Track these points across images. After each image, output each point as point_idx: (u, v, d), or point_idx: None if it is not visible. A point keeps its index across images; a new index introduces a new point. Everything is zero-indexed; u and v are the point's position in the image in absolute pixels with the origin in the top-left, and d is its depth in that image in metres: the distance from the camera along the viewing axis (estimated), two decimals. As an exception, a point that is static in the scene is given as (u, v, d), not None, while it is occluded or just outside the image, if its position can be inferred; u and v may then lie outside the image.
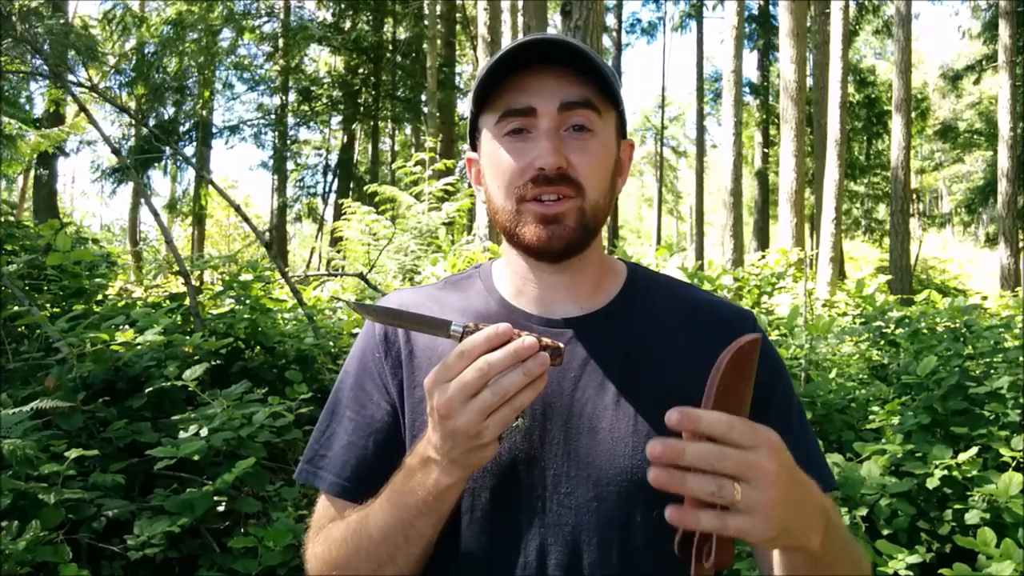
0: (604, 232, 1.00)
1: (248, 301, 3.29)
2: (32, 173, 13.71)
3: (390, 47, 19.34)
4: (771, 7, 22.82)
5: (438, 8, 17.85)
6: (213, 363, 2.63)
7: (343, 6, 18.66)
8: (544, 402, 0.89)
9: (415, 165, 7.25)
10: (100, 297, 3.51)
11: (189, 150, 18.79)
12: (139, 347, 2.59)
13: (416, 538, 0.83)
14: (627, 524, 0.85)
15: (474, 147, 0.98)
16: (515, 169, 0.88)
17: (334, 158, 21.57)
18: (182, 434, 2.23)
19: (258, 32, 18.44)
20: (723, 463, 0.63)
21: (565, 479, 0.86)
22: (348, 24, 18.62)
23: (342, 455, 0.95)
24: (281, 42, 18.32)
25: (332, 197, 20.57)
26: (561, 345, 0.74)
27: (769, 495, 0.64)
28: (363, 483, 0.92)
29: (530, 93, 0.88)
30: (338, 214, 15.73)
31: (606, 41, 25.72)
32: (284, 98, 19.85)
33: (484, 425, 0.71)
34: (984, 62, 20.93)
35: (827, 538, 0.75)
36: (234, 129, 20.12)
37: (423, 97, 17.73)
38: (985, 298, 6.73)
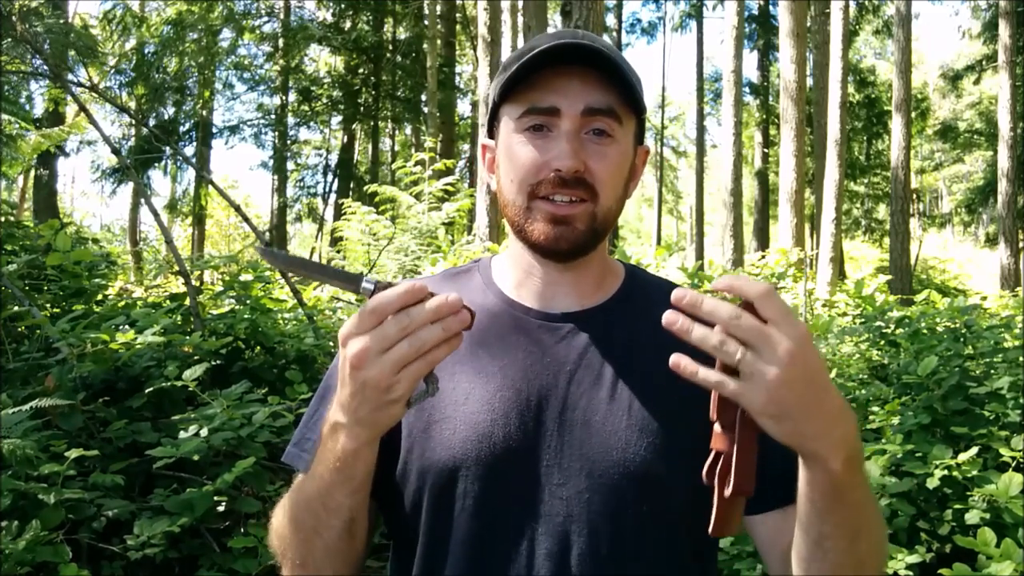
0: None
1: (248, 301, 3.29)
2: (32, 173, 13.72)
3: (390, 47, 19.35)
4: (771, 7, 22.82)
5: (438, 8, 17.86)
6: (213, 363, 2.63)
7: (343, 6, 18.67)
8: (539, 394, 0.89)
9: (415, 165, 7.25)
10: (100, 297, 3.51)
11: (189, 150, 18.81)
12: (139, 347, 2.59)
13: (335, 508, 0.83)
14: (618, 517, 0.86)
15: (491, 134, 0.98)
16: (532, 166, 0.89)
17: (334, 158, 21.59)
18: (182, 434, 2.23)
19: (258, 32, 18.45)
20: (737, 324, 0.63)
21: (557, 470, 0.87)
22: (348, 24, 18.63)
23: (318, 440, 0.95)
24: (281, 42, 18.33)
25: (332, 197, 20.59)
26: (473, 311, 0.73)
27: (776, 370, 0.63)
28: None
29: (556, 93, 0.88)
30: (338, 214, 15.73)
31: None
32: (284, 98, 19.86)
33: (396, 378, 0.70)
34: (984, 62, 20.92)
35: (853, 473, 0.72)
36: (234, 129, 20.13)
37: (423, 97, 17.73)
38: (985, 298, 6.73)
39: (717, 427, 0.70)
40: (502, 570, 0.86)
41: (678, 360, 0.66)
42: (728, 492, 0.69)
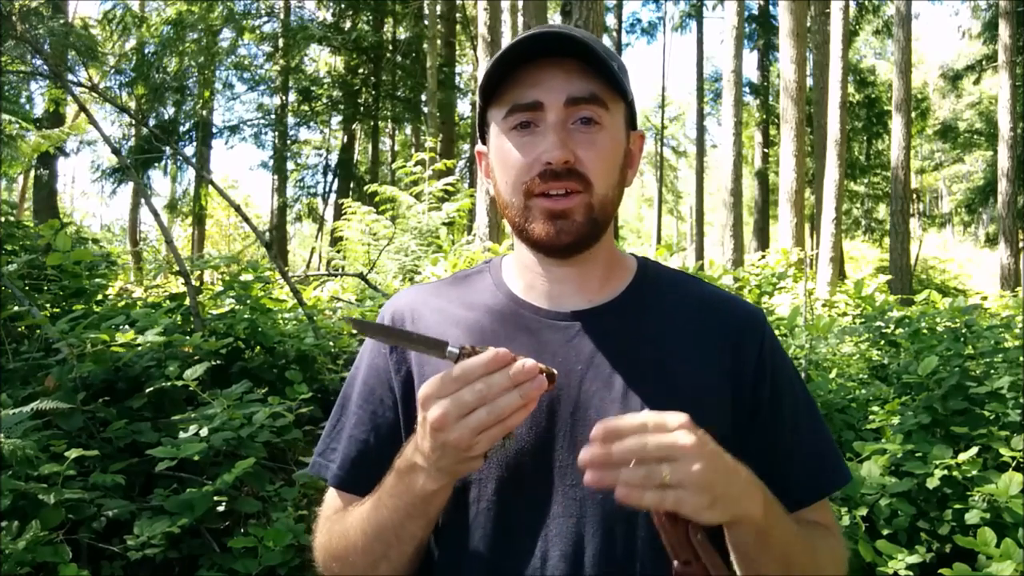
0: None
1: (248, 301, 3.29)
2: (32, 173, 13.72)
3: (390, 47, 19.33)
4: (771, 7, 22.81)
5: (438, 8, 17.85)
6: (213, 363, 2.63)
7: (343, 6, 18.66)
8: (550, 395, 0.90)
9: (415, 165, 7.25)
10: (100, 297, 3.51)
11: (189, 150, 18.79)
12: (139, 347, 2.59)
13: (407, 538, 0.85)
14: (631, 517, 0.86)
15: (483, 140, 0.98)
16: (523, 164, 0.89)
17: (334, 158, 21.57)
18: (182, 434, 2.23)
19: (258, 32, 18.43)
20: (646, 450, 0.70)
21: (571, 471, 0.87)
22: (348, 24, 18.61)
23: (344, 449, 0.98)
24: (281, 42, 18.31)
25: (332, 197, 20.58)
26: (555, 371, 0.77)
27: (694, 466, 0.70)
28: (364, 476, 0.94)
29: (537, 87, 0.88)
30: (338, 214, 15.73)
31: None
32: (284, 98, 19.85)
33: (475, 440, 0.73)
34: (984, 62, 20.93)
35: (770, 512, 0.80)
36: (234, 129, 20.11)
37: (423, 97, 17.71)
38: (985, 298, 6.74)
39: (679, 566, 0.76)
40: (517, 570, 0.87)
41: (624, 492, 0.71)
42: None
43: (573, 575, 0.85)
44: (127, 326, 2.70)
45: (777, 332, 3.89)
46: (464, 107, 22.89)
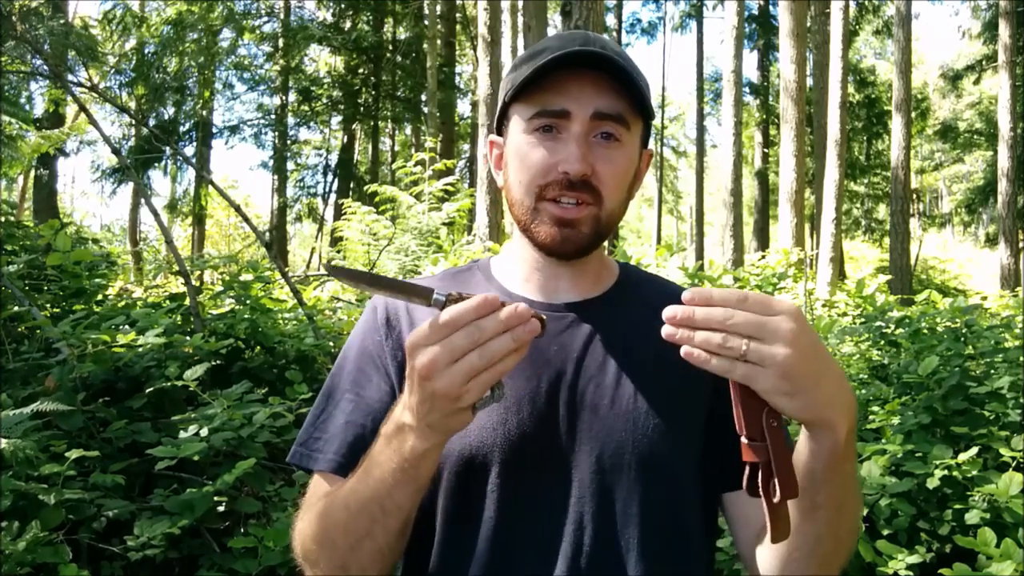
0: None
1: (248, 301, 3.29)
2: (32, 173, 13.73)
3: (390, 47, 19.35)
4: (771, 7, 22.82)
5: (438, 8, 17.86)
6: (213, 363, 2.63)
7: (343, 6, 18.68)
8: (548, 381, 0.92)
9: (415, 165, 7.25)
10: (100, 297, 3.51)
11: (189, 150, 18.81)
12: (139, 348, 2.59)
13: (393, 510, 0.83)
14: (629, 497, 0.89)
15: (499, 130, 1.00)
16: (540, 168, 0.91)
17: (334, 158, 21.58)
18: (182, 434, 2.23)
19: (258, 32, 18.45)
20: (732, 322, 0.66)
21: (570, 454, 0.90)
22: (348, 24, 18.63)
23: (339, 434, 0.95)
24: (281, 42, 18.33)
25: (332, 197, 20.60)
26: (544, 317, 0.74)
27: (781, 350, 0.66)
28: (359, 460, 0.92)
29: (567, 96, 0.89)
30: (338, 214, 15.73)
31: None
32: (284, 98, 19.86)
33: (465, 388, 0.71)
34: (984, 62, 20.94)
35: (851, 443, 0.75)
36: (234, 129, 20.13)
37: (423, 97, 17.72)
38: (985, 298, 6.73)
39: (745, 440, 0.71)
40: (520, 551, 0.88)
41: (690, 351, 0.68)
42: (777, 499, 0.71)
43: (574, 560, 0.86)
44: (127, 326, 2.70)
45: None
46: (464, 107, 22.92)
